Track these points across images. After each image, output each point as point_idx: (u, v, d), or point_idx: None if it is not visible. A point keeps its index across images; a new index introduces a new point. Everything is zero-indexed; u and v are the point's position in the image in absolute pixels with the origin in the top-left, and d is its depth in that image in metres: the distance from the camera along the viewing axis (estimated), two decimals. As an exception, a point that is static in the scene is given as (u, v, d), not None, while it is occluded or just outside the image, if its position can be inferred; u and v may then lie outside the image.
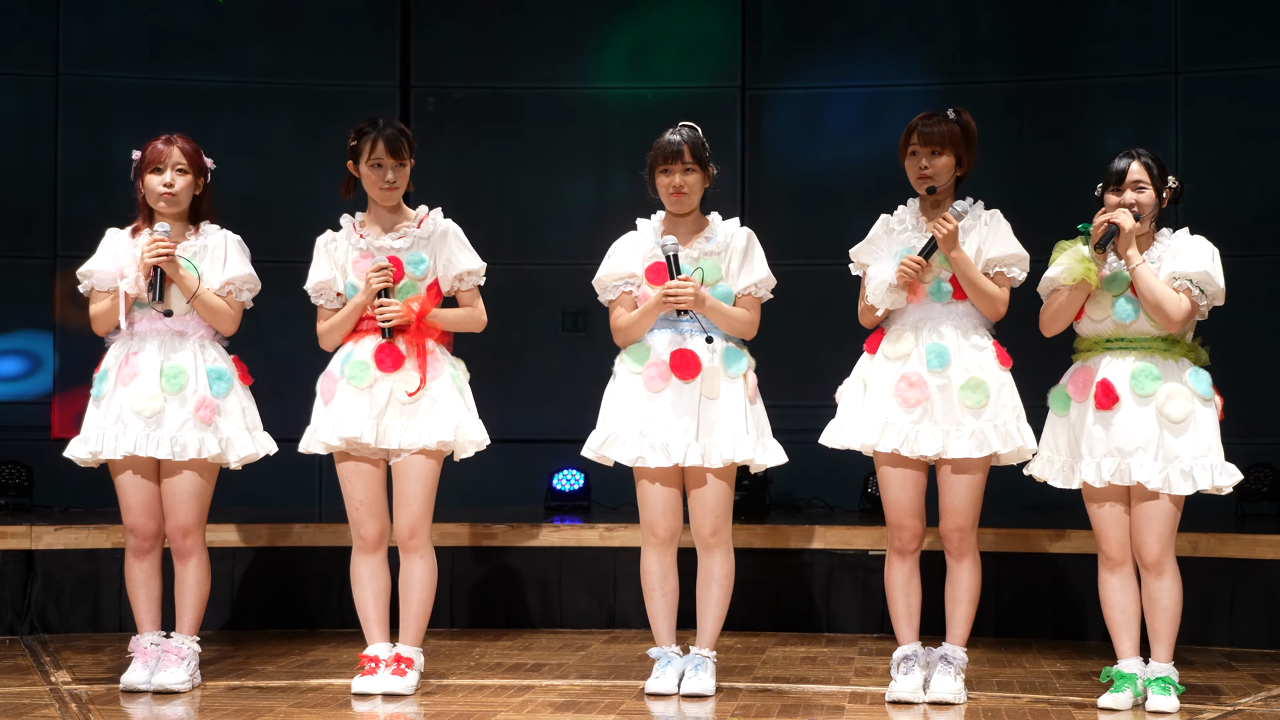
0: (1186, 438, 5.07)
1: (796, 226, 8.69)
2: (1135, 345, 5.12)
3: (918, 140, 5.25)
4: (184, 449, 5.42)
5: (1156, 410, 5.07)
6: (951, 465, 5.23)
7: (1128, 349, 5.13)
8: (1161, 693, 5.06)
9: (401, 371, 5.38)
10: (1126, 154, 5.18)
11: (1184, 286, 5.07)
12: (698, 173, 5.38)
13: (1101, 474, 5.10)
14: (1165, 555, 5.09)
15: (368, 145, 5.42)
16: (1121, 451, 5.08)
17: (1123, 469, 5.09)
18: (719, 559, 5.40)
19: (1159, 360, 5.10)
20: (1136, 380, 5.08)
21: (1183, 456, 5.06)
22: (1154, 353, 5.11)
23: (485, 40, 9.03)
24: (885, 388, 5.24)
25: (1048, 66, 8.74)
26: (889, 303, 5.24)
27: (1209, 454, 5.08)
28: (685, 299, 5.25)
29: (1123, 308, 5.12)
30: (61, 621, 6.89)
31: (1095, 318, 5.16)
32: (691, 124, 5.43)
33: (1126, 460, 5.08)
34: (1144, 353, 5.11)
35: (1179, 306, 5.05)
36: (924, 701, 5.24)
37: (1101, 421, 5.12)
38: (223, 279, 5.53)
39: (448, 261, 5.48)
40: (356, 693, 5.37)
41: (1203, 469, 5.06)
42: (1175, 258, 5.11)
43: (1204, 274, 5.07)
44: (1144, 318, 5.10)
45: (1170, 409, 5.06)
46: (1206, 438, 5.09)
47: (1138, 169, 5.14)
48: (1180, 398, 5.07)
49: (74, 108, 8.72)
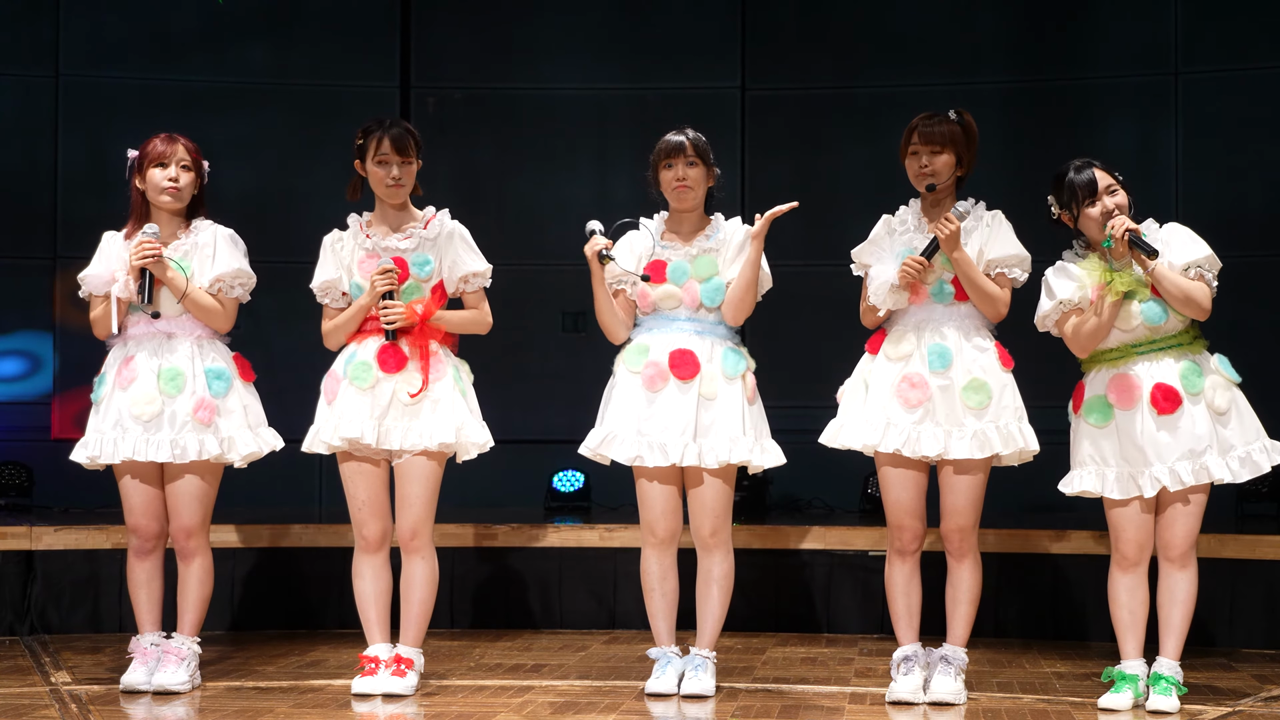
0: (1233, 425, 5.10)
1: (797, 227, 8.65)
2: (1167, 345, 5.10)
3: (918, 139, 5.24)
4: (184, 451, 5.42)
5: (1206, 405, 5.08)
6: (953, 466, 5.22)
7: (1162, 350, 5.10)
8: (1163, 693, 5.05)
9: (404, 372, 5.38)
10: (1081, 165, 5.13)
11: (1198, 274, 5.08)
12: (700, 167, 5.38)
13: (1182, 479, 5.06)
14: (1192, 548, 5.12)
15: (374, 142, 5.42)
16: (1194, 453, 5.06)
17: (1199, 470, 5.06)
18: (718, 560, 5.40)
19: (1191, 356, 5.11)
20: (1186, 379, 5.07)
21: (1237, 445, 5.09)
22: (1184, 349, 5.11)
23: (485, 40, 9.03)
24: (887, 388, 5.24)
25: (1048, 67, 8.73)
26: (891, 303, 5.25)
27: (1260, 436, 5.13)
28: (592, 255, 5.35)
29: (1152, 311, 5.07)
30: (61, 622, 6.88)
31: (1123, 327, 5.10)
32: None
33: (1200, 460, 5.06)
34: (1179, 351, 5.11)
35: (1206, 293, 5.07)
36: (924, 702, 5.23)
37: (1166, 426, 5.07)
38: (211, 276, 5.50)
39: (453, 263, 5.48)
40: (356, 693, 5.37)
41: (1260, 451, 5.11)
42: (1171, 249, 5.10)
43: (1208, 257, 5.09)
44: (1173, 315, 5.08)
45: (1217, 401, 5.08)
46: (1251, 420, 5.14)
47: (1103, 174, 5.11)
48: (1220, 388, 5.10)
49: (74, 108, 8.72)
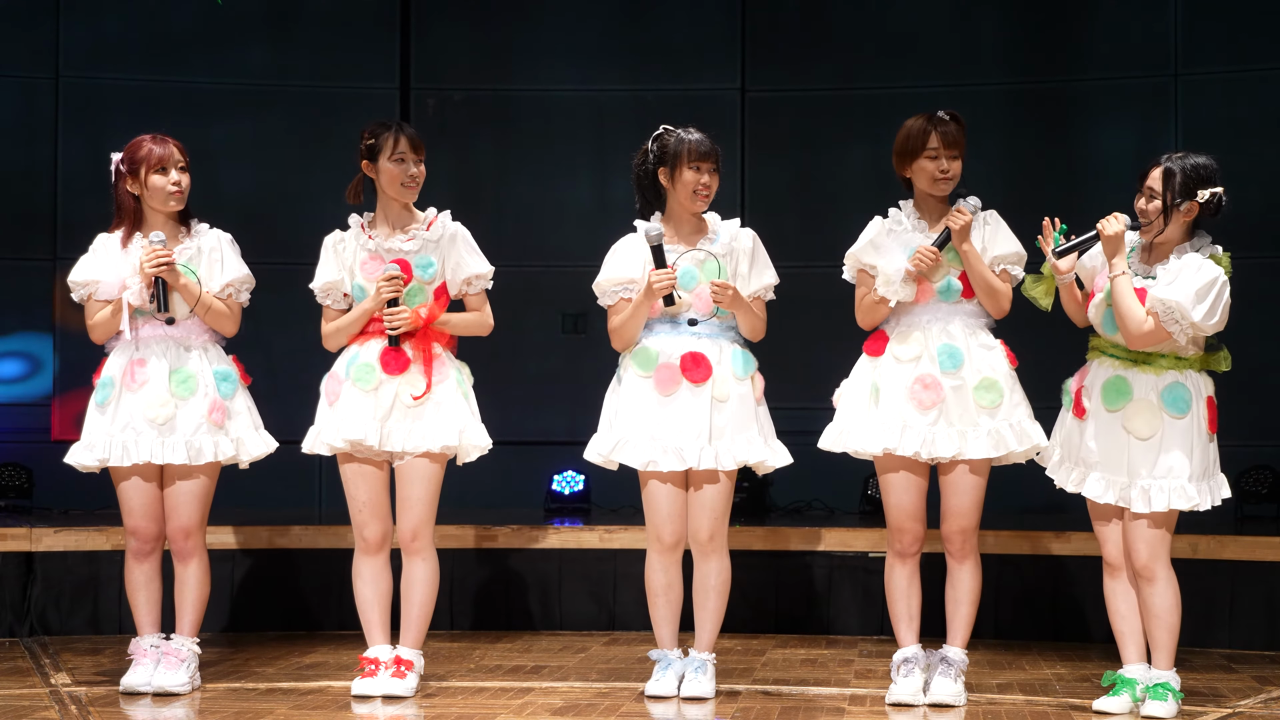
0: (1150, 456, 4.98)
1: (796, 228, 8.68)
2: (1120, 355, 5.05)
3: (939, 142, 5.17)
4: (199, 453, 5.43)
5: (1122, 425, 5.02)
6: (958, 467, 5.20)
7: (1114, 358, 5.06)
8: (1158, 699, 5.01)
9: (407, 375, 5.38)
10: (1164, 157, 5.00)
11: (1153, 310, 4.92)
12: (718, 175, 5.38)
13: (1069, 481, 5.12)
14: (1153, 561, 5.01)
15: (389, 141, 5.41)
16: (1085, 463, 5.08)
17: (1078, 480, 5.10)
18: (715, 566, 5.38)
19: (1135, 374, 5.01)
20: (1106, 393, 5.04)
21: (1143, 475, 4.98)
22: (1133, 365, 5.02)
23: (485, 41, 9.03)
24: (900, 391, 5.21)
25: (1047, 68, 8.73)
26: (903, 294, 5.19)
27: (1169, 475, 4.96)
28: (665, 288, 5.24)
29: (1110, 319, 5.04)
30: (61, 624, 6.89)
31: (1092, 321, 5.11)
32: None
33: (1086, 472, 5.08)
34: (1123, 364, 5.04)
35: (1139, 326, 4.91)
36: (924, 704, 5.23)
37: (1077, 429, 5.12)
38: (222, 282, 5.52)
39: (456, 265, 5.47)
40: (356, 695, 5.38)
41: (1159, 491, 4.96)
42: (1170, 280, 4.94)
43: (1177, 304, 4.86)
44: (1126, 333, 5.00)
45: (1136, 426, 4.99)
46: (1170, 458, 4.97)
47: (1155, 175, 4.98)
48: (1147, 414, 4.98)
49: (74, 110, 8.72)
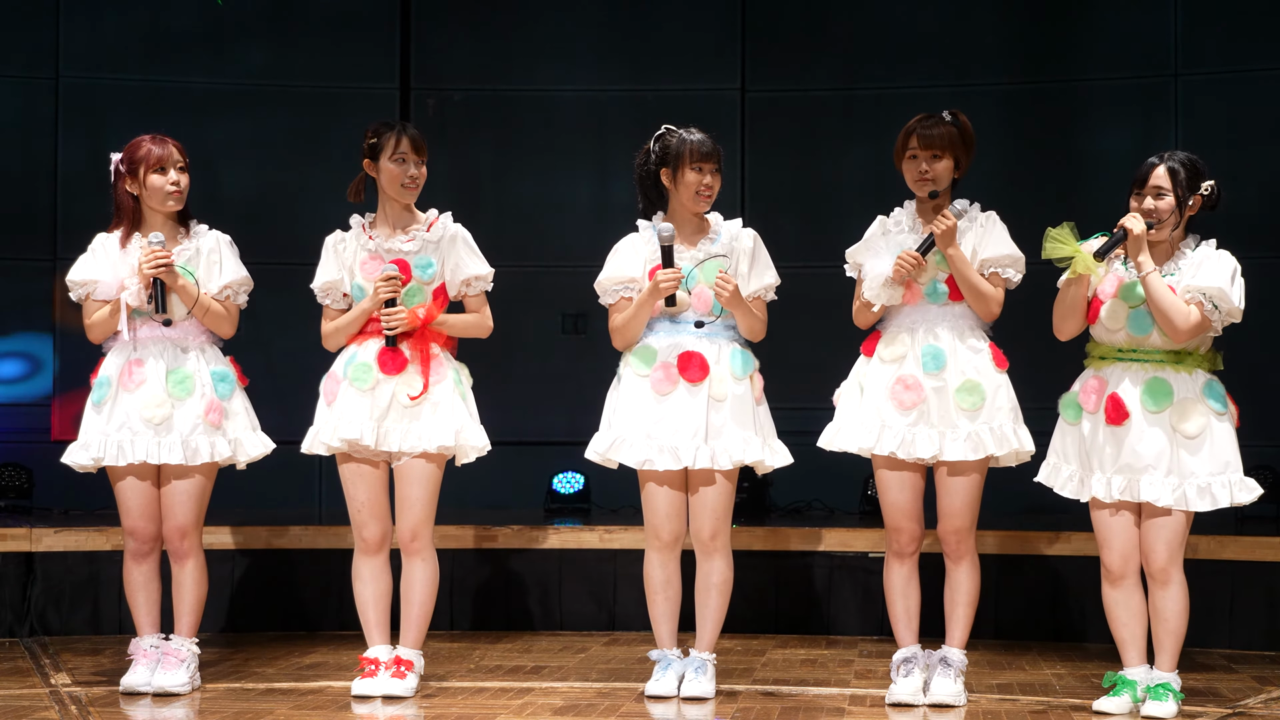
0: (1203, 454, 4.97)
1: (796, 228, 8.68)
2: (1148, 358, 5.02)
3: (917, 143, 5.21)
4: (195, 453, 5.43)
5: (1170, 426, 4.98)
6: (948, 468, 5.22)
7: (1141, 361, 5.02)
8: (1158, 699, 5.01)
9: (404, 375, 5.38)
10: (1157, 157, 5.02)
11: (1196, 300, 4.93)
12: (719, 175, 5.38)
13: (1111, 491, 5.02)
14: (1172, 565, 5.02)
15: (391, 140, 5.41)
16: (1132, 469, 4.99)
17: (1132, 486, 5.00)
18: (718, 565, 5.38)
19: (1171, 374, 5.00)
20: (1148, 395, 4.98)
21: (1199, 473, 4.97)
22: (1166, 365, 5.00)
23: (485, 42, 9.03)
24: (881, 390, 5.23)
25: (1047, 69, 8.73)
26: (885, 298, 5.22)
27: (1226, 470, 4.99)
28: (671, 287, 5.23)
29: (1138, 320, 5.00)
30: (61, 624, 6.89)
31: (1110, 326, 5.06)
32: None
33: (1136, 478, 4.99)
34: (1156, 365, 5.01)
35: (1187, 319, 4.92)
36: (924, 704, 5.23)
37: (1112, 437, 5.02)
38: (220, 284, 5.52)
39: (456, 266, 5.47)
40: (356, 695, 5.38)
41: (1221, 486, 4.97)
42: (1196, 271, 4.97)
43: (1219, 290, 4.91)
44: (1158, 331, 4.98)
45: (1185, 425, 4.97)
46: (1224, 453, 4.99)
47: (1161, 174, 4.98)
48: (1195, 413, 4.97)
49: (74, 110, 8.72)
